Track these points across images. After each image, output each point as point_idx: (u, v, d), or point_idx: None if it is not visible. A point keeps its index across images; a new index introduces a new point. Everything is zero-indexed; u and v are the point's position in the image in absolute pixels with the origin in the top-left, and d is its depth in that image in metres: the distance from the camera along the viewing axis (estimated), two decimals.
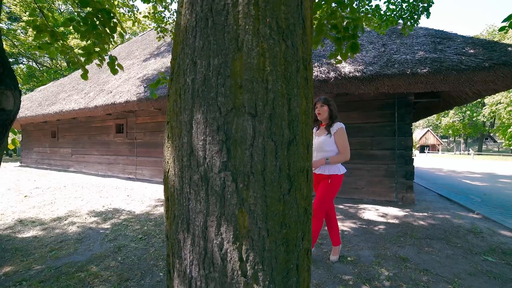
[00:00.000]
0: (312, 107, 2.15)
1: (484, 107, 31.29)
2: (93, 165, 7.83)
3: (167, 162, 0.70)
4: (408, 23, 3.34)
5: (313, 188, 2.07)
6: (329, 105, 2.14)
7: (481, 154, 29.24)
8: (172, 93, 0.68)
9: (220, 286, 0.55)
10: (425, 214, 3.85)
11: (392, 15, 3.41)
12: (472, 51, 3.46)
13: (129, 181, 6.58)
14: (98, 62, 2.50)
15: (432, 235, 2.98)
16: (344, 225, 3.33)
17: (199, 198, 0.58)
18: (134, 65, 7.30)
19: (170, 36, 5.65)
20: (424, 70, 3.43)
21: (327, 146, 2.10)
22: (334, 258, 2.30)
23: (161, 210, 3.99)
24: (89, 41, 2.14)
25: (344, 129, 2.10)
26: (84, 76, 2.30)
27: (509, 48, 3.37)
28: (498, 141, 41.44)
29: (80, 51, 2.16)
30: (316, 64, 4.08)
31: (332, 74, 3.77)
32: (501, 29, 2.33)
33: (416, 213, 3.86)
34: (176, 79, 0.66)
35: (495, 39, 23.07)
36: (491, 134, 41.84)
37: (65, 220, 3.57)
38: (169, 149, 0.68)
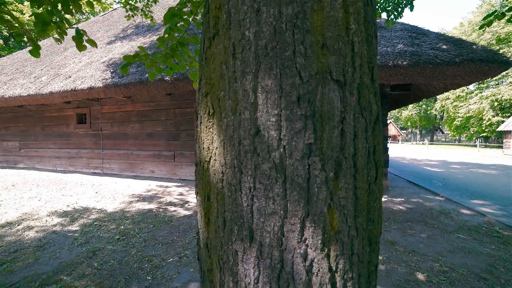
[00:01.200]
0: None
1: (436, 102, 35.11)
2: (49, 160, 6.89)
3: (206, 148, 0.52)
4: (392, 16, 3.42)
5: None
6: None
7: (433, 144, 32.87)
8: (216, 53, 0.50)
9: None
10: (401, 199, 4.13)
11: (376, 7, 3.46)
12: (444, 46, 3.69)
13: (95, 176, 5.93)
14: (57, 36, 2.08)
15: (412, 218, 3.19)
16: None
17: (271, 195, 0.43)
18: (97, 49, 6.47)
19: (141, 15, 5.09)
20: (405, 63, 3.57)
21: None
22: None
23: (137, 206, 3.65)
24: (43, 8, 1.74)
25: None
26: (35, 52, 1.87)
27: (474, 46, 3.67)
28: (445, 132, 47.20)
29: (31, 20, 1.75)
30: None
31: None
32: (481, 27, 2.48)
33: (394, 199, 4.12)
34: (225, 33, 0.48)
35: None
36: (440, 126, 47.49)
37: (18, 225, 3.03)
38: (211, 130, 0.51)
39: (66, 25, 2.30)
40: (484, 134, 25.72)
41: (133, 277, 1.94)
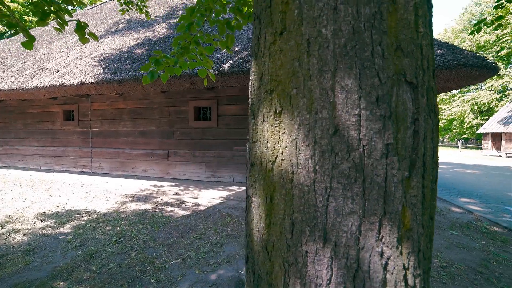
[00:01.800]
0: None
1: None
2: (32, 159, 6.53)
3: (271, 148, 0.51)
4: None
5: None
6: None
7: None
8: (286, 49, 0.49)
9: None
10: None
11: None
12: (439, 51, 3.85)
13: (84, 175, 5.69)
14: (58, 26, 1.97)
15: None
16: None
17: (350, 194, 0.43)
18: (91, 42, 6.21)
19: (136, 10, 4.94)
20: None
21: None
22: None
23: (132, 207, 3.54)
24: None
25: None
26: (29, 44, 1.77)
27: (465, 52, 3.86)
28: None
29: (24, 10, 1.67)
30: None
31: None
32: (471, 33, 2.62)
33: None
34: (296, 29, 0.47)
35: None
36: None
37: (1, 228, 2.85)
38: (277, 129, 0.50)
39: (66, 15, 2.20)
40: (465, 136, 27.17)
41: (136, 281, 1.88)
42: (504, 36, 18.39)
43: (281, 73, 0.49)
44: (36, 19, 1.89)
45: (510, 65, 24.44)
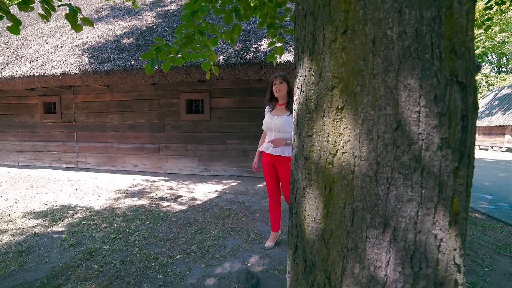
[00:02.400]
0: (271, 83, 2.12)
1: None
2: (8, 154, 6.12)
3: (332, 142, 0.54)
4: None
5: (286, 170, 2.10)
6: (289, 83, 2.00)
7: None
8: (350, 48, 0.51)
9: (432, 283, 0.47)
10: None
11: None
12: None
13: (69, 171, 5.43)
14: (43, 13, 1.84)
15: None
16: None
17: (410, 183, 0.48)
18: (67, 29, 5.82)
19: None
20: None
21: (288, 127, 1.97)
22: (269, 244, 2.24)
23: (127, 202, 3.46)
24: None
25: None
26: (15, 29, 1.64)
27: None
28: None
29: None
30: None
31: None
32: None
33: None
34: (361, 29, 0.50)
35: None
36: None
37: None
38: (339, 124, 0.53)
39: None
40: None
41: (142, 277, 1.86)
42: (479, 35, 19.49)
43: (343, 71, 0.52)
44: (17, 1, 1.75)
45: (483, 63, 26.04)
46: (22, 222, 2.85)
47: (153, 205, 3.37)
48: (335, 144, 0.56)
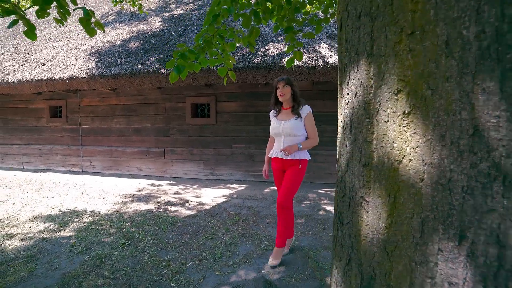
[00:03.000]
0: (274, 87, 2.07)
1: None
2: (14, 158, 6.10)
3: (398, 148, 0.50)
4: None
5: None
6: (292, 86, 1.98)
7: None
8: (419, 50, 0.48)
9: None
10: None
11: None
12: None
13: (74, 175, 5.40)
14: (59, 17, 1.82)
15: None
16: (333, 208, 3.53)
17: (490, 192, 0.44)
18: (73, 34, 5.86)
19: (128, 2, 4.72)
20: None
21: (298, 131, 1.95)
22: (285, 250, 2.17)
23: (134, 207, 3.41)
24: None
25: (312, 113, 2.02)
26: (31, 34, 1.62)
27: None
28: None
29: None
30: (303, 50, 4.06)
31: (320, 62, 3.83)
32: None
33: None
34: (432, 30, 0.47)
35: None
36: None
37: None
38: (405, 129, 0.50)
39: (71, 3, 2.03)
40: None
41: (155, 285, 1.81)
42: None
43: (409, 74, 0.49)
44: (36, 8, 1.74)
45: None
46: (30, 227, 2.81)
47: (161, 210, 3.33)
48: (401, 150, 0.52)
